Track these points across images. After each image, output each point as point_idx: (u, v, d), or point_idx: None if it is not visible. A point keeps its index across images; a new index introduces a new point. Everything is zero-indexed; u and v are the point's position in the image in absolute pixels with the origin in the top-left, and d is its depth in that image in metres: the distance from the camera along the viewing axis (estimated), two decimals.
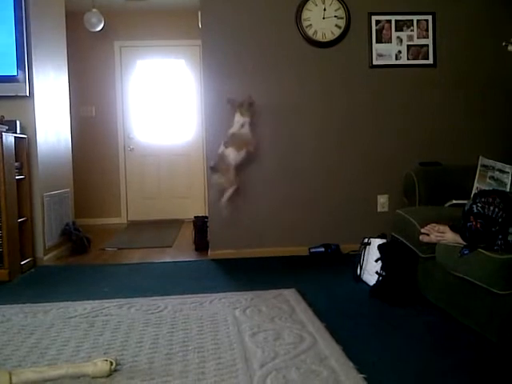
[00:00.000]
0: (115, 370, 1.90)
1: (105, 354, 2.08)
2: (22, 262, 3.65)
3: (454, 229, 2.43)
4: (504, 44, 2.50)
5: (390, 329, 2.40)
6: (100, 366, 1.87)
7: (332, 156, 4.12)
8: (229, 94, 3.98)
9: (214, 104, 4.03)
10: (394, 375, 1.89)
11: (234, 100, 3.77)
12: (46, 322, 2.52)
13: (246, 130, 3.72)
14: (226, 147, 3.65)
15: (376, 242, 3.11)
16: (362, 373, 1.85)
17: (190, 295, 2.94)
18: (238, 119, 3.75)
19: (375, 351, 2.12)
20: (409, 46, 4.10)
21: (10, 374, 1.79)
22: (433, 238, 2.55)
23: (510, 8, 4.10)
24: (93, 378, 1.86)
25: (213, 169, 3.64)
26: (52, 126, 4.37)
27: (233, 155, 3.62)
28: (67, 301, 2.86)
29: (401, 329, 2.39)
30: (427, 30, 4.10)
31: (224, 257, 3.94)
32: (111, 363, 1.89)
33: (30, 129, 3.89)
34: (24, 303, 2.83)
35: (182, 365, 1.97)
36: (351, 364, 1.93)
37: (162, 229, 5.81)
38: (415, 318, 2.53)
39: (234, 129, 3.74)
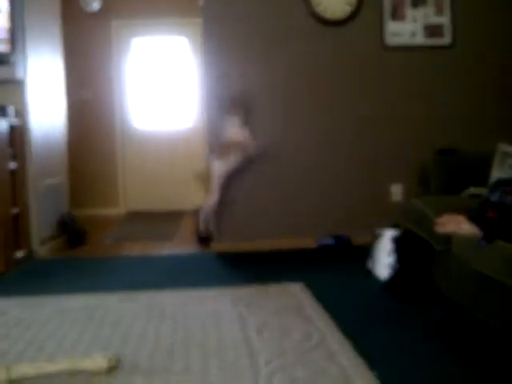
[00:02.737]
0: (115, 367, 1.94)
1: (104, 349, 2.12)
2: (17, 254, 3.69)
3: (471, 219, 2.43)
4: None
5: (403, 324, 2.42)
6: (99, 362, 1.91)
7: (342, 142, 4.11)
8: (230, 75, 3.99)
9: (215, 85, 4.01)
10: (406, 372, 1.92)
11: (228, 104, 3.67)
12: (44, 315, 2.56)
13: (237, 130, 3.60)
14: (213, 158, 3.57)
15: (389, 233, 3.13)
16: (372, 370, 1.88)
17: (192, 289, 2.97)
18: (234, 125, 3.64)
19: (386, 347, 2.14)
20: (425, 25, 4.07)
21: (8, 369, 1.83)
22: (449, 228, 2.55)
23: None
24: (92, 374, 1.89)
25: (196, 176, 3.57)
26: (46, 111, 4.39)
27: (217, 166, 3.51)
28: (63, 294, 2.90)
29: (414, 324, 2.41)
30: (443, 8, 4.06)
31: (228, 250, 3.96)
32: (110, 360, 1.93)
33: (23, 114, 3.90)
34: (20, 296, 2.88)
35: (183, 362, 2.00)
36: (361, 360, 1.96)
37: (162, 219, 5.82)
38: (429, 313, 2.55)
39: (231, 135, 3.62)
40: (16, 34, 3.78)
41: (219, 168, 3.48)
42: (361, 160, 4.13)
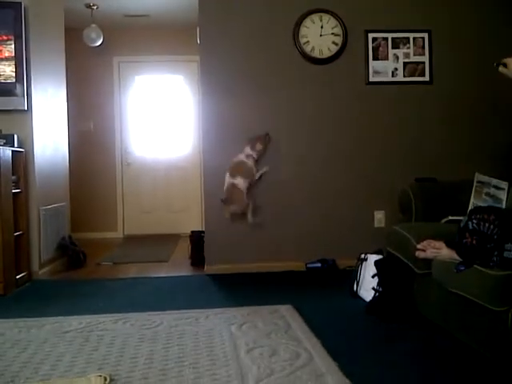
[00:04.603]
0: None
1: (99, 369, 2.07)
2: (18, 276, 3.64)
3: (449, 245, 2.43)
4: (495, 65, 2.52)
5: (387, 345, 2.39)
6: (94, 381, 1.86)
7: (329, 172, 4.14)
8: (226, 110, 4.03)
9: (212, 119, 4.07)
10: None
11: (252, 138, 3.94)
12: (40, 336, 2.51)
13: (251, 162, 3.90)
14: (234, 177, 3.83)
15: (372, 257, 3.12)
16: None
17: (185, 310, 2.93)
18: (248, 151, 3.90)
19: (371, 368, 2.11)
20: (405, 63, 4.15)
21: None
22: (429, 253, 2.55)
23: (506, 25, 4.17)
24: None
25: (225, 201, 3.81)
26: (50, 140, 4.39)
27: (242, 183, 3.81)
28: (62, 315, 2.84)
29: (397, 345, 2.38)
30: (423, 48, 4.15)
31: (220, 272, 3.93)
32: (105, 379, 1.88)
33: (27, 143, 3.90)
34: (18, 317, 2.82)
35: (176, 381, 1.96)
36: (347, 381, 1.92)
37: (158, 243, 5.80)
38: (411, 334, 2.52)
39: (242, 157, 3.91)
40: (22, 66, 3.79)
41: (243, 185, 3.82)
42: (346, 189, 4.15)
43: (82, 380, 1.89)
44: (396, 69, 4.14)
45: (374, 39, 4.12)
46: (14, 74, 3.79)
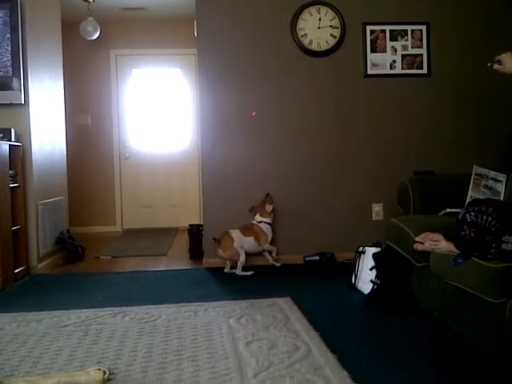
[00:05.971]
0: (109, 380, 1.90)
1: (98, 362, 2.07)
2: (16, 271, 3.64)
3: (447, 237, 2.43)
4: (489, 65, 2.53)
5: (385, 338, 2.40)
6: (93, 375, 1.86)
7: (327, 164, 4.14)
8: (224, 103, 4.02)
9: (210, 113, 4.05)
10: None
11: (254, 207, 3.96)
12: (39, 330, 2.51)
13: (264, 226, 3.92)
14: (233, 229, 3.84)
15: (371, 250, 3.12)
16: (356, 382, 1.85)
17: (184, 304, 2.93)
18: (257, 218, 3.94)
19: (369, 360, 2.12)
20: (403, 56, 4.13)
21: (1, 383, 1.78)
22: (427, 246, 2.56)
23: (504, 18, 4.15)
24: None
25: (215, 240, 3.80)
26: (47, 133, 4.37)
27: (236, 236, 3.79)
28: (61, 309, 2.85)
29: (395, 338, 2.39)
30: (421, 40, 4.13)
31: (219, 265, 3.93)
32: (104, 372, 1.88)
33: (24, 137, 3.88)
34: (17, 312, 2.82)
35: (175, 374, 1.96)
36: (346, 373, 1.92)
37: (156, 237, 5.80)
38: (410, 326, 2.53)
39: (253, 221, 3.95)
40: (18, 59, 3.77)
41: (237, 238, 3.82)
42: (344, 181, 4.15)
43: (82, 373, 1.88)
44: (394, 61, 4.12)
45: (372, 31, 4.10)
46: (10, 68, 3.77)
